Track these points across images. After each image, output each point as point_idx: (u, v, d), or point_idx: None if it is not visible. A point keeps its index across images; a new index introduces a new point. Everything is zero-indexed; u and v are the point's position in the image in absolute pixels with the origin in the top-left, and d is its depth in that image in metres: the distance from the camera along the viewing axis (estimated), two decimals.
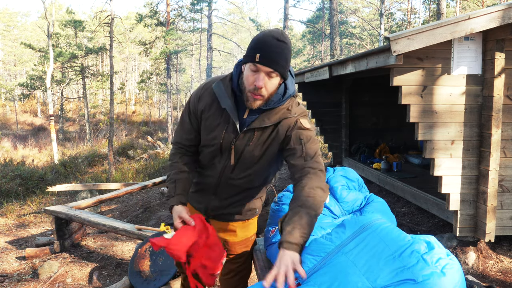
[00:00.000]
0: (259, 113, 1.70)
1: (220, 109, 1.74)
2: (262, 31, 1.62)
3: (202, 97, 1.80)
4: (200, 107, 1.79)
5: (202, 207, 1.98)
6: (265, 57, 1.53)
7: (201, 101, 1.80)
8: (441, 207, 4.28)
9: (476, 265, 3.88)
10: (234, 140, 1.73)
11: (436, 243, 1.28)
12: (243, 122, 1.72)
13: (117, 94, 33.61)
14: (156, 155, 14.09)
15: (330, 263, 1.33)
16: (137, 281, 3.45)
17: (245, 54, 1.61)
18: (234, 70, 1.74)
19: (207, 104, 1.78)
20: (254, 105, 1.63)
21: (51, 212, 4.68)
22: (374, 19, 33.01)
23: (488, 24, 3.50)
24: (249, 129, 1.71)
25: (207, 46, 20.16)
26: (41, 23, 34.31)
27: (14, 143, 18.83)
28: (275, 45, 1.54)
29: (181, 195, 1.80)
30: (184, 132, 1.87)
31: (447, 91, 3.81)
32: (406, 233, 1.36)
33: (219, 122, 1.75)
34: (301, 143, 1.66)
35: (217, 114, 1.76)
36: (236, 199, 1.90)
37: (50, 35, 14.97)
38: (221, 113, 1.74)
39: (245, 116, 1.71)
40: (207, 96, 1.79)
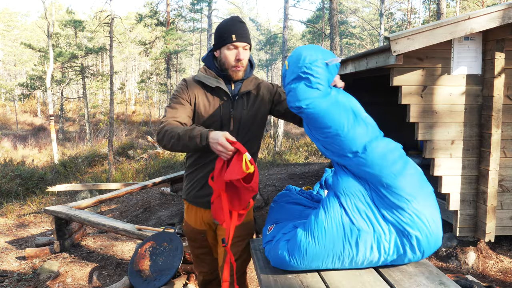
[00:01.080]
0: (241, 83, 2.08)
1: (208, 92, 2.05)
2: (224, 20, 2.06)
3: (190, 88, 2.05)
4: (192, 95, 2.04)
5: (205, 201, 2.06)
6: (240, 35, 1.97)
7: (190, 91, 2.05)
8: (441, 207, 4.28)
9: (476, 265, 3.88)
10: (232, 110, 2.05)
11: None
12: (232, 93, 2.06)
13: (117, 94, 33.61)
14: (156, 155, 14.09)
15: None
16: (137, 281, 3.45)
17: (218, 41, 2.01)
18: (206, 60, 2.11)
19: (196, 93, 2.04)
20: (239, 75, 2.03)
21: (51, 212, 4.68)
22: (374, 19, 33.02)
23: (488, 24, 3.50)
24: (240, 96, 2.06)
25: (207, 46, 20.16)
26: (41, 23, 34.32)
27: (14, 143, 18.83)
28: (242, 26, 2.00)
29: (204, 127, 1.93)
30: (176, 113, 1.98)
31: (447, 91, 3.81)
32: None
33: (213, 102, 2.04)
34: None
35: (208, 97, 2.04)
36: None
37: (50, 35, 14.97)
38: (211, 95, 2.05)
39: (232, 88, 2.07)
40: (193, 87, 2.06)
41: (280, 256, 1.69)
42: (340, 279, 1.62)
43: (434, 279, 1.58)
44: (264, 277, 1.67)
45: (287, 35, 19.09)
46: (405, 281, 1.58)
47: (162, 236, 3.69)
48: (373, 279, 1.61)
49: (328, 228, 1.62)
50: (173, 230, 3.75)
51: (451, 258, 3.98)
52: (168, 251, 3.54)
